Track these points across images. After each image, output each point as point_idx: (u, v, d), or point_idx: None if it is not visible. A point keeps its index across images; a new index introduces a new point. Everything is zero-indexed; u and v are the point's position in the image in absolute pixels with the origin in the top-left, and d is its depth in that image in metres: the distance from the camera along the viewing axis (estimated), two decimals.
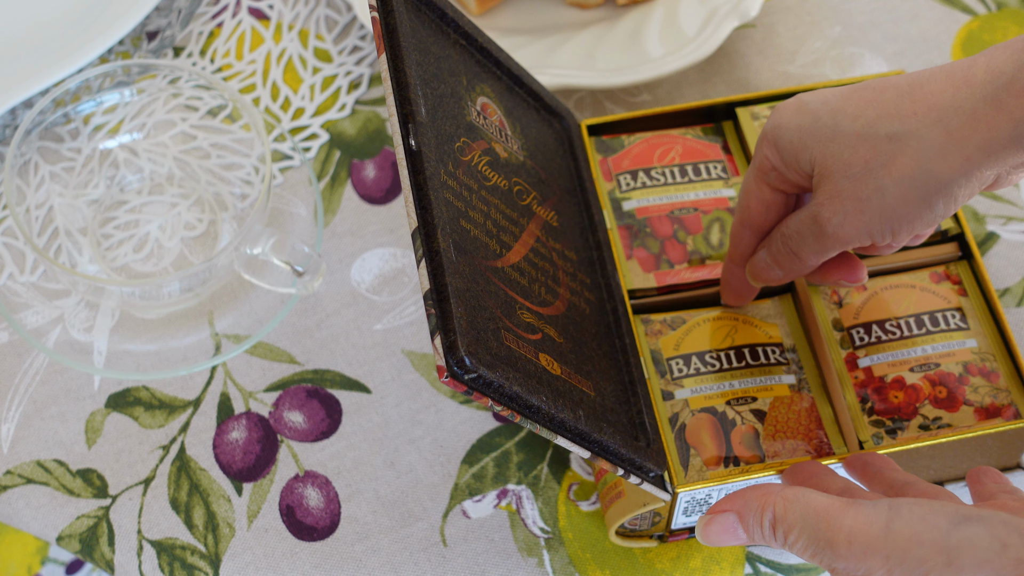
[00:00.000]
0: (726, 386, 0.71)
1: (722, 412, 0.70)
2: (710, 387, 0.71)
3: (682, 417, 0.70)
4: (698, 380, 0.71)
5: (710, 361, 0.72)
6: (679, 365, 0.72)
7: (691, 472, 0.69)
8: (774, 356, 0.72)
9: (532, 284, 0.66)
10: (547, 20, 0.88)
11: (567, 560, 0.72)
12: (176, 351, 0.77)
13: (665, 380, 0.71)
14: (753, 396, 0.71)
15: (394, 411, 0.76)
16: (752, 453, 0.69)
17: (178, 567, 0.72)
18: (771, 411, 0.71)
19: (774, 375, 0.72)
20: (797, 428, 0.70)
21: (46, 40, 0.86)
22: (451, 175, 0.63)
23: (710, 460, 0.69)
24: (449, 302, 0.58)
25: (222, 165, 0.83)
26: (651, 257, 0.74)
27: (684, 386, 0.71)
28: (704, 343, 0.73)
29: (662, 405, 0.71)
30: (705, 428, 0.70)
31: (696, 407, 0.71)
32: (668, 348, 0.72)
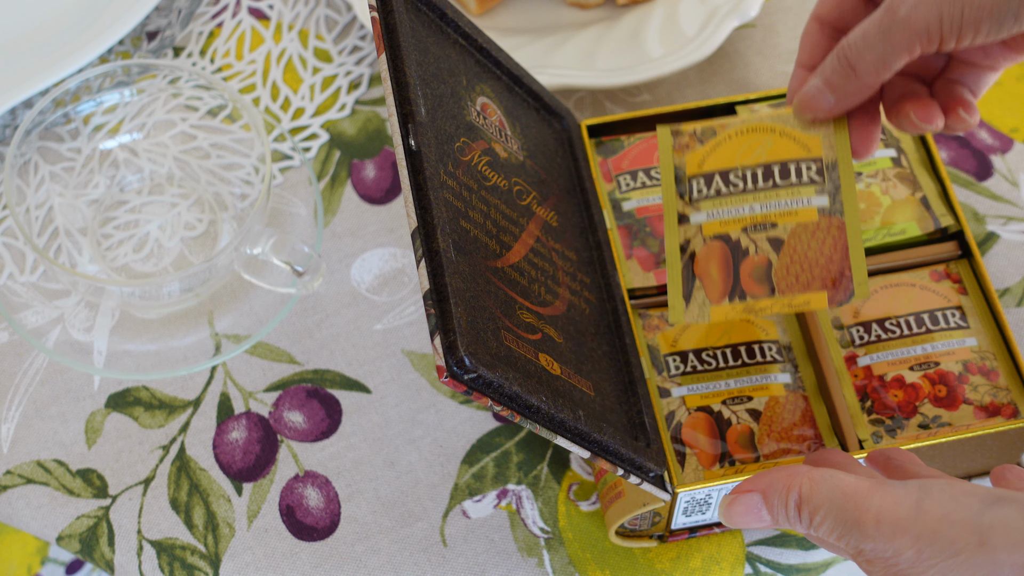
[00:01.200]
0: (722, 385, 0.71)
1: (718, 411, 0.70)
2: (706, 386, 0.71)
3: (678, 416, 0.70)
4: (695, 378, 0.71)
5: (706, 359, 0.72)
6: (676, 362, 0.72)
7: (687, 472, 0.69)
8: (770, 354, 0.72)
9: (532, 284, 0.66)
10: (547, 20, 0.88)
11: (567, 560, 0.72)
12: (176, 351, 0.77)
13: (662, 377, 0.71)
14: (748, 395, 0.71)
15: (394, 411, 0.76)
16: (747, 453, 0.69)
17: (178, 567, 0.72)
18: (766, 411, 0.71)
19: (769, 374, 0.72)
20: (791, 428, 0.70)
21: (46, 40, 0.86)
22: (451, 175, 0.63)
23: (706, 460, 0.69)
24: (449, 302, 0.58)
25: (222, 165, 0.83)
26: (651, 256, 0.74)
27: (681, 384, 0.71)
28: (700, 340, 0.73)
29: (659, 403, 0.71)
30: (701, 428, 0.70)
31: (692, 406, 0.71)
32: (665, 344, 0.72)
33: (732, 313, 0.64)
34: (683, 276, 0.66)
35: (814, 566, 0.72)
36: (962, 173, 0.83)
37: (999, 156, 0.84)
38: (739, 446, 0.69)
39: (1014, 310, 0.79)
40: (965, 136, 0.84)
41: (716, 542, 0.72)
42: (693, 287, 0.65)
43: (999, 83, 0.86)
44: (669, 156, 0.68)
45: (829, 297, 0.64)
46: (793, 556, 0.72)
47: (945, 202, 0.76)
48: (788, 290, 0.65)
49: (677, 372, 0.72)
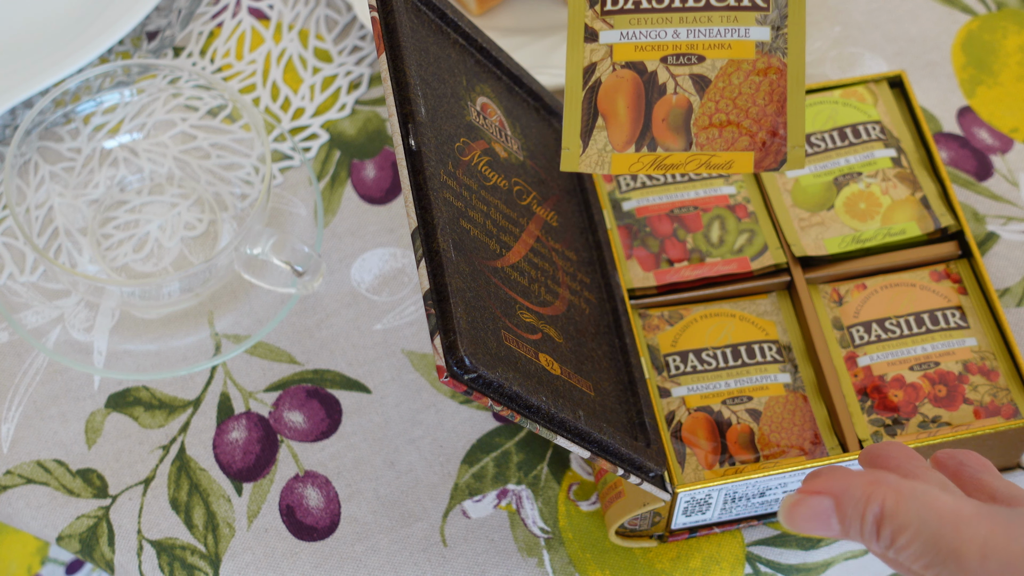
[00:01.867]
0: (722, 385, 0.71)
1: (718, 411, 0.70)
2: (706, 386, 0.71)
3: (678, 416, 0.70)
4: (695, 378, 0.71)
5: (707, 359, 0.72)
6: (676, 362, 0.72)
7: (687, 471, 0.69)
8: (770, 354, 0.72)
9: (532, 284, 0.66)
10: (547, 20, 0.88)
11: (567, 560, 0.72)
12: (176, 351, 0.77)
13: (662, 377, 0.71)
14: (748, 395, 0.71)
15: (394, 411, 0.76)
16: (748, 453, 0.69)
17: (178, 567, 0.72)
18: (766, 411, 0.71)
19: (769, 374, 0.72)
20: (791, 428, 0.70)
21: (46, 40, 0.86)
22: (451, 175, 0.63)
23: (706, 460, 0.69)
24: (449, 302, 0.58)
25: (222, 165, 0.83)
26: (651, 256, 0.74)
27: (681, 384, 0.71)
28: (701, 340, 0.73)
29: (659, 403, 0.71)
30: (701, 427, 0.70)
31: (692, 406, 0.71)
32: (665, 344, 0.72)
33: (637, 165, 0.54)
34: (583, 109, 0.56)
35: (814, 566, 0.72)
36: (962, 173, 0.83)
37: (999, 156, 0.84)
38: (739, 446, 0.69)
39: (1014, 310, 0.79)
40: (965, 136, 0.84)
41: (716, 542, 0.72)
42: (594, 126, 0.55)
43: (999, 83, 0.86)
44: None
45: (756, 160, 0.54)
46: (793, 556, 0.72)
47: (945, 202, 0.76)
48: (708, 144, 0.55)
49: (677, 372, 0.72)
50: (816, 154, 0.77)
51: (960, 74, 0.87)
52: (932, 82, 0.87)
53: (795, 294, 0.74)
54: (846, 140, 0.78)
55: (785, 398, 0.71)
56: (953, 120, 0.85)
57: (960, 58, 0.87)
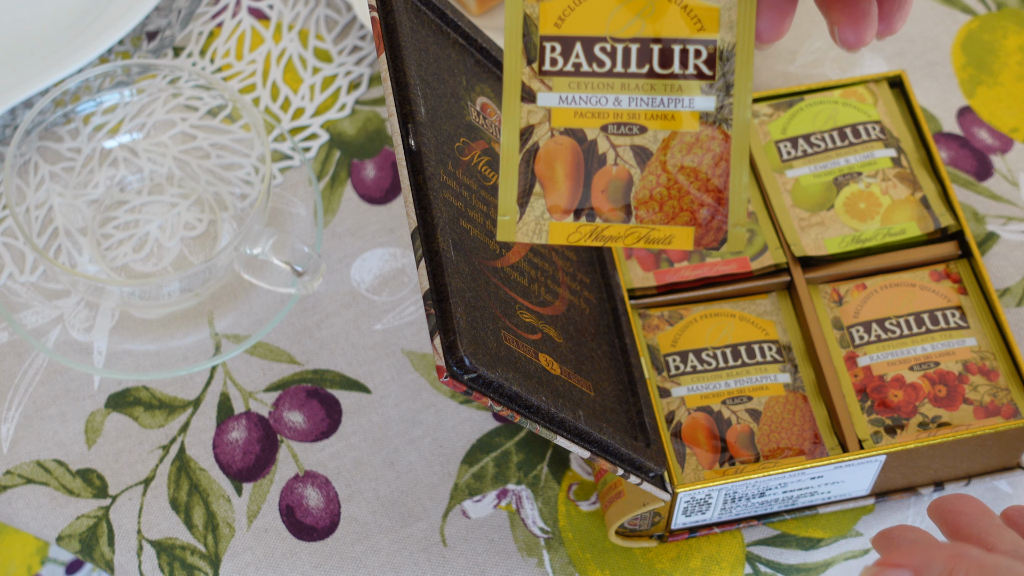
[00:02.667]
0: (722, 385, 0.71)
1: (718, 411, 0.70)
2: (706, 386, 0.71)
3: (678, 416, 0.70)
4: (695, 378, 0.71)
5: (706, 359, 0.72)
6: (676, 362, 0.72)
7: (687, 471, 0.69)
8: (769, 354, 0.72)
9: (532, 284, 0.66)
10: None
11: (567, 560, 0.72)
12: (176, 351, 0.77)
13: (662, 377, 0.71)
14: (748, 395, 0.71)
15: (394, 411, 0.76)
16: (748, 453, 0.69)
17: (178, 567, 0.72)
18: (766, 411, 0.71)
19: (769, 374, 0.72)
20: (791, 428, 0.70)
21: (46, 40, 0.86)
22: (451, 175, 0.63)
23: (706, 460, 0.69)
24: (449, 302, 0.58)
25: (222, 165, 0.83)
26: (651, 256, 0.74)
27: (681, 384, 0.71)
28: (701, 340, 0.73)
29: (659, 403, 0.71)
30: (701, 428, 0.70)
31: (692, 406, 0.71)
32: (665, 344, 0.72)
33: (576, 236, 0.52)
34: (520, 173, 0.52)
35: (814, 566, 0.72)
36: (962, 173, 0.83)
37: (999, 156, 0.84)
38: (739, 446, 0.69)
39: (1014, 310, 0.79)
40: (965, 136, 0.84)
41: (716, 542, 0.72)
42: (532, 192, 0.52)
43: (999, 83, 0.87)
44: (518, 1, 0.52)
45: (696, 237, 0.52)
46: (793, 556, 0.72)
47: (945, 202, 0.76)
48: (648, 218, 0.52)
49: (677, 372, 0.72)
50: (816, 154, 0.77)
51: (960, 74, 0.87)
52: (932, 82, 0.87)
53: (795, 294, 0.74)
54: (846, 140, 0.78)
55: (785, 398, 0.71)
56: (953, 120, 0.85)
57: (960, 58, 0.87)
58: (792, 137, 0.78)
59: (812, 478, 0.69)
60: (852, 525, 0.73)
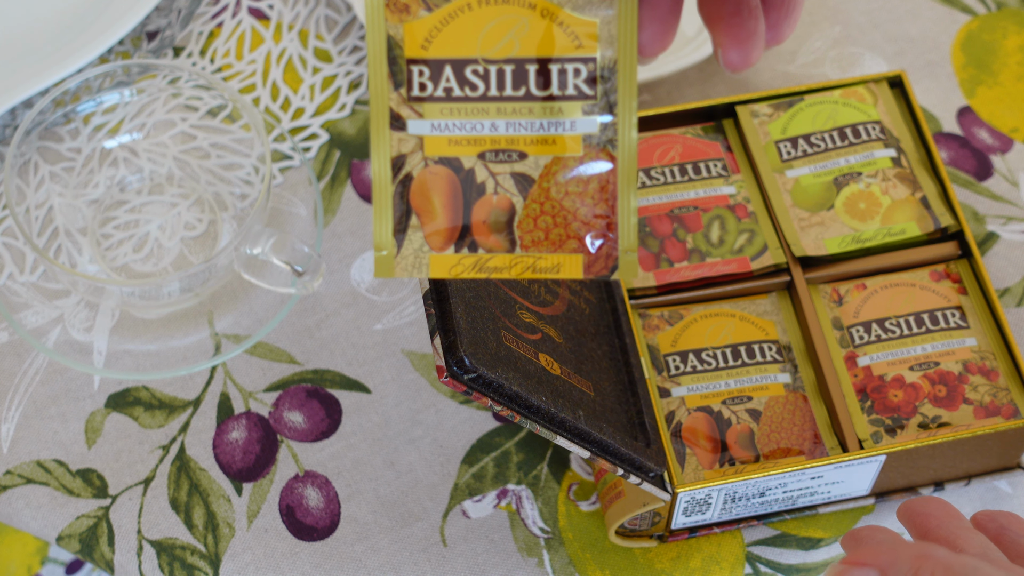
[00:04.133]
0: (722, 385, 0.71)
1: (718, 411, 0.70)
2: (706, 386, 0.71)
3: (678, 416, 0.70)
4: (695, 378, 0.71)
5: (707, 359, 0.72)
6: (676, 362, 0.72)
7: (687, 471, 0.69)
8: (769, 354, 0.72)
9: (532, 284, 0.66)
10: None
11: (567, 560, 0.72)
12: (176, 351, 0.77)
13: (662, 377, 0.71)
14: (748, 395, 0.71)
15: (394, 411, 0.76)
16: (748, 453, 0.69)
17: (178, 567, 0.72)
18: (766, 411, 0.71)
19: (769, 374, 0.72)
20: (791, 428, 0.70)
21: (46, 40, 0.86)
22: None
23: (706, 460, 0.69)
24: (448, 302, 0.58)
25: (222, 165, 0.83)
26: (651, 256, 0.74)
27: (681, 384, 0.71)
28: (701, 340, 0.73)
29: (659, 403, 0.71)
30: (701, 427, 0.70)
31: (692, 406, 0.71)
32: (665, 344, 0.72)
33: (458, 268, 0.49)
34: (394, 206, 0.49)
35: (814, 566, 0.72)
36: (962, 173, 0.83)
37: (999, 156, 0.84)
38: (739, 446, 0.69)
39: (1014, 310, 0.79)
40: (965, 136, 0.84)
41: (716, 542, 0.72)
42: (408, 224, 0.49)
43: (999, 83, 0.86)
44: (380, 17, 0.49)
45: (585, 264, 0.49)
46: (793, 556, 0.72)
47: (945, 202, 0.76)
48: (534, 247, 0.49)
49: (677, 372, 0.72)
50: (816, 154, 0.77)
51: (960, 74, 0.87)
52: (932, 82, 0.87)
53: (795, 294, 0.74)
54: (846, 140, 0.78)
55: (785, 398, 0.71)
56: (953, 120, 0.85)
57: (960, 58, 0.87)
58: (792, 137, 0.78)
59: (812, 478, 0.69)
60: (852, 525, 0.73)
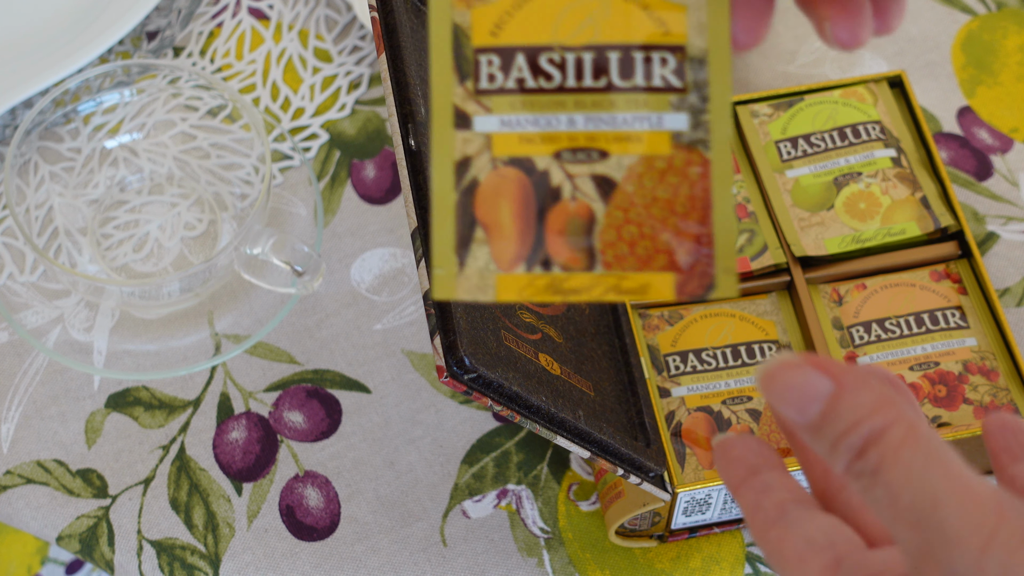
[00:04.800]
0: (722, 385, 0.71)
1: (718, 411, 0.70)
2: (706, 386, 0.71)
3: (678, 416, 0.70)
4: (695, 378, 0.71)
5: (707, 359, 0.72)
6: (676, 362, 0.72)
7: (687, 471, 0.69)
8: (769, 354, 0.72)
9: None
10: None
11: (567, 560, 0.72)
12: (176, 351, 0.77)
13: (662, 377, 0.71)
14: (748, 395, 0.71)
15: (394, 411, 0.76)
16: None
17: (178, 567, 0.72)
18: (766, 411, 0.71)
19: None
20: None
21: (46, 40, 0.86)
22: None
23: (706, 460, 0.69)
24: (449, 302, 0.58)
25: (222, 165, 0.83)
26: None
27: (681, 384, 0.71)
28: (701, 340, 0.73)
29: (659, 403, 0.71)
30: (701, 427, 0.70)
31: (692, 406, 0.71)
32: (665, 344, 0.72)
33: (529, 290, 0.43)
34: (457, 217, 0.43)
35: None
36: (962, 173, 0.83)
37: (999, 156, 0.84)
38: None
39: (1014, 310, 0.79)
40: (965, 136, 0.84)
41: (716, 542, 0.72)
42: (472, 239, 0.43)
43: (999, 83, 0.86)
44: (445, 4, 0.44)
45: (677, 284, 0.43)
46: None
47: (945, 202, 0.76)
48: (617, 264, 0.43)
49: (677, 372, 0.72)
50: (816, 154, 0.77)
51: (960, 74, 0.87)
52: (932, 82, 0.87)
53: (795, 294, 0.74)
54: (846, 140, 0.78)
55: None
56: (953, 120, 0.85)
57: (960, 58, 0.87)
58: (792, 137, 0.78)
59: None
60: None
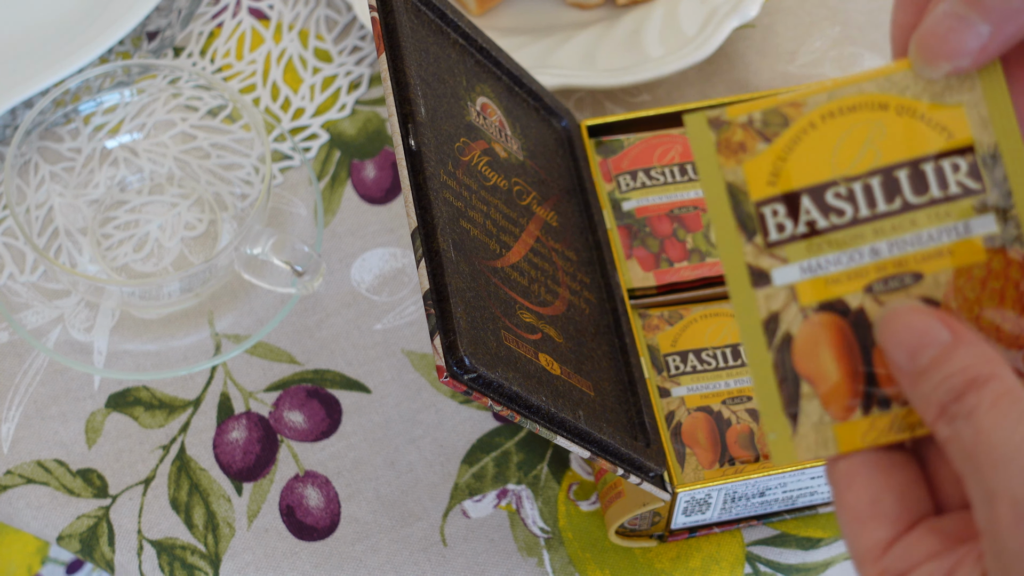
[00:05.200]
0: (721, 385, 0.71)
1: (718, 411, 0.70)
2: (706, 386, 0.71)
3: (678, 415, 0.70)
4: (695, 378, 0.71)
5: (706, 359, 0.72)
6: (676, 362, 0.72)
7: (687, 471, 0.69)
8: None
9: (532, 284, 0.66)
10: (547, 20, 0.88)
11: (567, 560, 0.72)
12: (176, 351, 0.77)
13: (662, 377, 0.71)
14: (748, 395, 0.71)
15: (394, 411, 0.76)
16: (748, 453, 0.69)
17: (178, 567, 0.72)
18: None
19: None
20: None
21: (46, 40, 0.86)
22: (451, 175, 0.63)
23: (706, 460, 0.69)
24: (449, 302, 0.58)
25: (222, 165, 0.83)
26: (651, 256, 0.75)
27: (681, 383, 0.71)
28: (701, 340, 0.73)
29: (659, 403, 0.71)
30: (701, 427, 0.70)
31: (692, 406, 0.71)
32: (665, 344, 0.72)
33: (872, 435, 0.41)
34: (777, 377, 0.42)
35: (814, 566, 0.72)
36: None
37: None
38: (739, 446, 0.70)
39: None
40: None
41: (716, 542, 0.72)
42: (799, 395, 0.41)
43: None
44: (714, 165, 0.43)
45: None
46: (793, 556, 0.72)
47: None
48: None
49: (677, 372, 0.72)
50: None
51: None
52: None
53: None
54: None
55: None
56: None
57: None
58: None
59: (812, 478, 0.69)
60: None
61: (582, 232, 0.73)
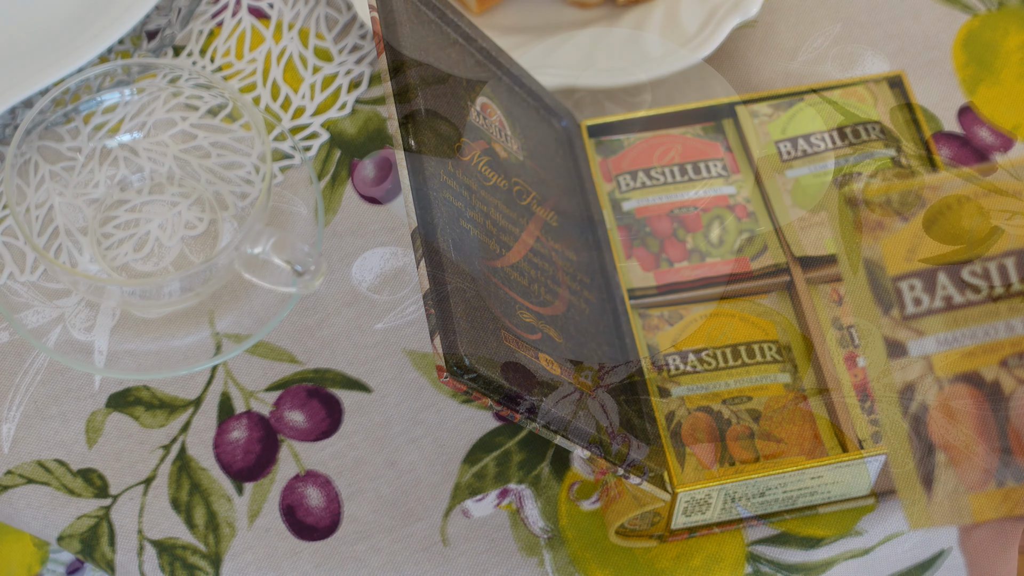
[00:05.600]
0: (721, 385, 0.71)
1: (717, 411, 0.70)
2: (706, 386, 0.71)
3: (678, 415, 0.70)
4: (695, 378, 0.71)
5: (706, 359, 0.72)
6: (676, 362, 0.72)
7: (687, 471, 0.69)
8: (769, 354, 0.72)
9: (532, 284, 0.66)
10: (547, 20, 0.88)
11: (568, 560, 0.72)
12: (177, 351, 0.77)
13: (662, 377, 0.71)
14: (748, 395, 0.71)
15: (395, 410, 0.76)
16: (748, 453, 0.69)
17: (179, 567, 0.72)
18: (765, 410, 0.71)
19: (769, 374, 0.72)
20: (791, 428, 0.70)
21: (46, 40, 0.86)
22: (451, 175, 0.63)
23: (706, 460, 0.69)
24: (449, 302, 0.58)
25: (222, 164, 0.83)
26: (651, 256, 0.75)
27: (681, 383, 0.71)
28: (701, 340, 0.73)
29: (659, 403, 0.71)
30: (701, 427, 0.70)
31: (692, 406, 0.71)
32: (665, 344, 0.72)
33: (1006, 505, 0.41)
34: (913, 447, 0.42)
35: (815, 565, 0.72)
36: None
37: (1000, 155, 0.84)
38: (739, 446, 0.70)
39: None
40: (966, 135, 0.84)
41: (717, 541, 0.72)
42: (934, 464, 0.42)
43: (1000, 81, 0.86)
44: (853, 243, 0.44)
45: None
46: (794, 555, 0.72)
47: None
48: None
49: (677, 372, 0.72)
50: (816, 154, 0.77)
51: (961, 72, 0.87)
52: (933, 80, 0.86)
53: (795, 294, 0.74)
54: (846, 140, 0.78)
55: (785, 398, 0.71)
56: (954, 118, 0.85)
57: (961, 56, 0.87)
58: (792, 137, 0.78)
59: (812, 478, 0.69)
60: (853, 524, 0.73)
61: (582, 232, 0.73)
